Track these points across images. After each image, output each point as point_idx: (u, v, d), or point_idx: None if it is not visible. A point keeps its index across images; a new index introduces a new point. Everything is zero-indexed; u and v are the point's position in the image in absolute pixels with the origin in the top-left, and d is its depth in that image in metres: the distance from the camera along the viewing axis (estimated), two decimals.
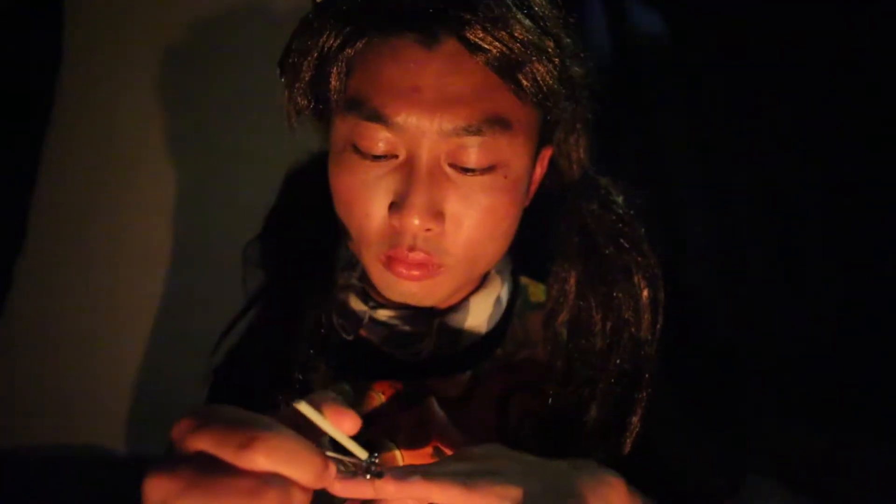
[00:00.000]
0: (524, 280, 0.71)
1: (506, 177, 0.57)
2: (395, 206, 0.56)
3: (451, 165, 0.56)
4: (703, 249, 0.92)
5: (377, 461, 0.43)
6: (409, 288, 0.59)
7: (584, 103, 0.62)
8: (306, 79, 0.59)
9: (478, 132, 0.54)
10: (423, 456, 0.59)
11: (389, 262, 0.58)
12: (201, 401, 0.72)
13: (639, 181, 0.69)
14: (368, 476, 0.42)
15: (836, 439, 0.85)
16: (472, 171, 0.55)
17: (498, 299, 0.67)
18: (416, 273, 0.58)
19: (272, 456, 0.38)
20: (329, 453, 0.42)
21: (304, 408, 0.41)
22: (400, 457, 0.59)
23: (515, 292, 0.70)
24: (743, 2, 0.91)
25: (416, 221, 0.55)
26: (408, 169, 0.55)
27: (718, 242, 0.92)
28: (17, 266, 1.12)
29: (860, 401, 0.86)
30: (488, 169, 0.56)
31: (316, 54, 0.58)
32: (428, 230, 0.56)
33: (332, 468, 0.41)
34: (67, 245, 1.12)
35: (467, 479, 0.44)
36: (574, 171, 0.67)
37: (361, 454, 0.43)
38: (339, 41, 0.57)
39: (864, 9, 0.85)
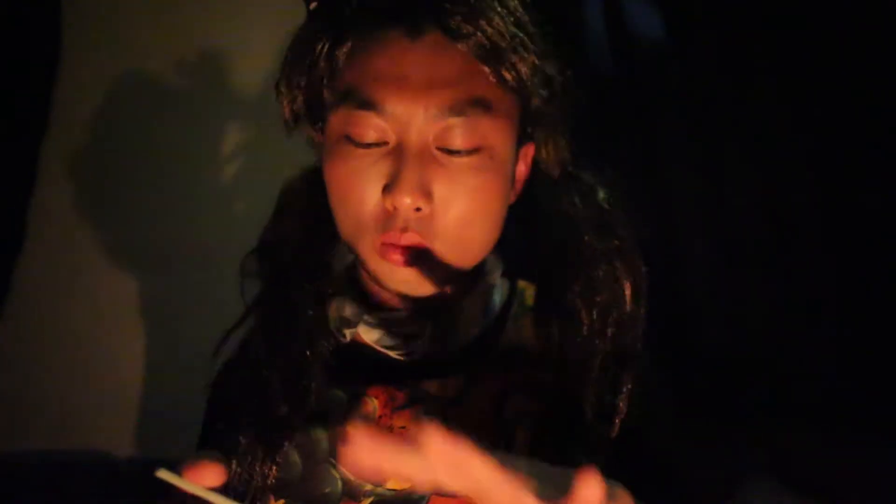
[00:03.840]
0: (522, 284, 0.72)
1: (491, 158, 0.60)
2: (388, 188, 0.58)
3: (439, 148, 0.59)
4: (702, 251, 0.92)
5: None
6: (405, 275, 0.61)
7: (561, 103, 0.65)
8: (302, 84, 0.63)
9: (461, 113, 0.58)
10: None
11: (384, 249, 0.60)
12: (200, 405, 0.73)
13: (636, 183, 0.69)
14: None
15: (836, 439, 0.85)
16: (459, 152, 0.59)
17: (490, 300, 0.68)
18: (408, 259, 0.60)
19: None
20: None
21: (163, 474, 0.41)
22: None
23: (512, 296, 0.71)
24: (742, 1, 0.91)
25: (408, 200, 0.57)
26: (398, 153, 0.59)
27: (717, 244, 0.92)
28: (16, 268, 1.12)
29: (860, 401, 0.86)
30: (474, 150, 0.59)
31: (311, 58, 0.62)
32: (418, 209, 0.58)
33: None
34: (66, 248, 1.13)
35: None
36: (556, 169, 0.70)
37: None
38: (330, 43, 0.61)
39: (865, 9, 0.85)
